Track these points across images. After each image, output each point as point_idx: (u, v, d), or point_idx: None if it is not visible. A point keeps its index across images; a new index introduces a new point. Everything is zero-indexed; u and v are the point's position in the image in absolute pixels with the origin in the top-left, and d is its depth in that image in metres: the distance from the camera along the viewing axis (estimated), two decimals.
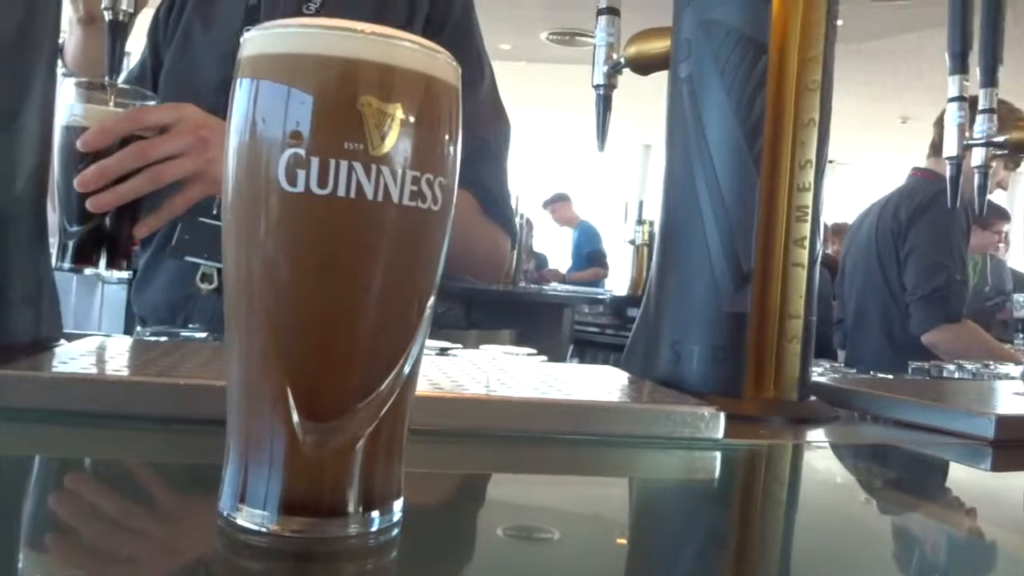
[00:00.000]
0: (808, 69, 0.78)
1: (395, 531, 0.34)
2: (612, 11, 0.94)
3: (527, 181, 6.33)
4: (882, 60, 6.21)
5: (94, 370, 0.54)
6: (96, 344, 0.70)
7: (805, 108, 0.78)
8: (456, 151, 0.34)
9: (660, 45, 0.86)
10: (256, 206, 0.31)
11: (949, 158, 1.13)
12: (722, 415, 0.59)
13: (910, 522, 0.52)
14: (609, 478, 0.57)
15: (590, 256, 6.28)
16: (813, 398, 0.79)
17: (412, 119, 0.32)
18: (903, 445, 0.72)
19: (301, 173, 0.30)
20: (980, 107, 1.09)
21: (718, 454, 0.59)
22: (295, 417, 0.32)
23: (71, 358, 0.60)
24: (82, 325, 2.59)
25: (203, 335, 0.89)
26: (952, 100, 1.11)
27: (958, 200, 1.19)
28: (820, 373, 0.97)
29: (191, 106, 0.88)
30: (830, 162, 0.79)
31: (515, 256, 4.32)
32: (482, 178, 1.15)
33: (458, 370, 0.68)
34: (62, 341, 0.72)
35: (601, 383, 0.70)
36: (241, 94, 0.32)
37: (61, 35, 0.96)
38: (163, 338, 0.86)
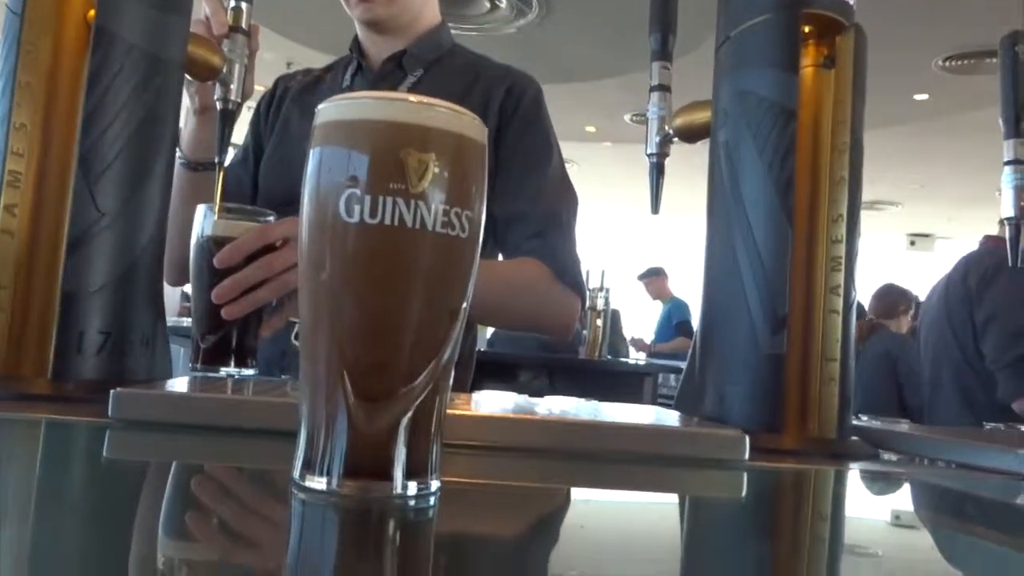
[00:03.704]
0: (838, 132, 0.85)
1: (432, 499, 0.42)
2: (663, 88, 1.04)
3: (615, 255, 6.42)
4: (981, 131, 6.14)
5: (194, 392, 0.64)
6: (196, 381, 0.81)
7: (836, 167, 0.84)
8: (481, 190, 0.43)
9: (703, 116, 0.94)
10: (323, 234, 0.41)
11: (1007, 219, 1.16)
12: (746, 437, 0.64)
13: (916, 540, 0.56)
14: (634, 492, 0.62)
15: (679, 326, 6.31)
16: (855, 438, 0.83)
17: (444, 165, 0.41)
18: (934, 479, 0.75)
19: (356, 207, 0.39)
20: None
21: (744, 475, 0.65)
22: (351, 399, 0.40)
23: (175, 387, 0.71)
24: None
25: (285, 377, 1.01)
26: (1008, 163, 1.15)
27: (1019, 260, 1.21)
28: (880, 425, 1.00)
29: None
30: (927, 236, 0.84)
31: (603, 331, 4.40)
32: (554, 249, 1.27)
33: (516, 404, 0.76)
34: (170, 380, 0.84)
35: (645, 416, 0.76)
36: (314, 151, 0.42)
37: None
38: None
